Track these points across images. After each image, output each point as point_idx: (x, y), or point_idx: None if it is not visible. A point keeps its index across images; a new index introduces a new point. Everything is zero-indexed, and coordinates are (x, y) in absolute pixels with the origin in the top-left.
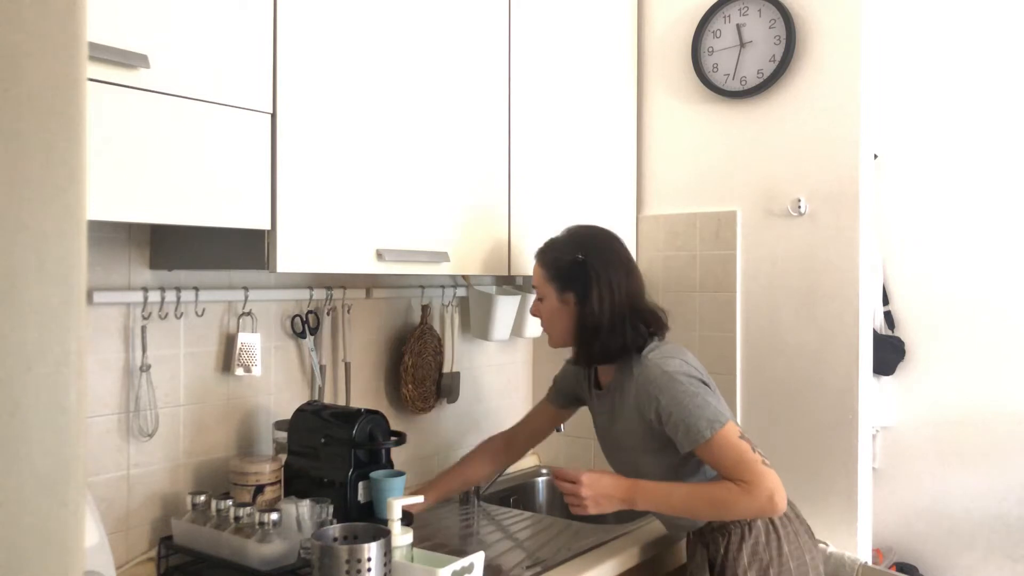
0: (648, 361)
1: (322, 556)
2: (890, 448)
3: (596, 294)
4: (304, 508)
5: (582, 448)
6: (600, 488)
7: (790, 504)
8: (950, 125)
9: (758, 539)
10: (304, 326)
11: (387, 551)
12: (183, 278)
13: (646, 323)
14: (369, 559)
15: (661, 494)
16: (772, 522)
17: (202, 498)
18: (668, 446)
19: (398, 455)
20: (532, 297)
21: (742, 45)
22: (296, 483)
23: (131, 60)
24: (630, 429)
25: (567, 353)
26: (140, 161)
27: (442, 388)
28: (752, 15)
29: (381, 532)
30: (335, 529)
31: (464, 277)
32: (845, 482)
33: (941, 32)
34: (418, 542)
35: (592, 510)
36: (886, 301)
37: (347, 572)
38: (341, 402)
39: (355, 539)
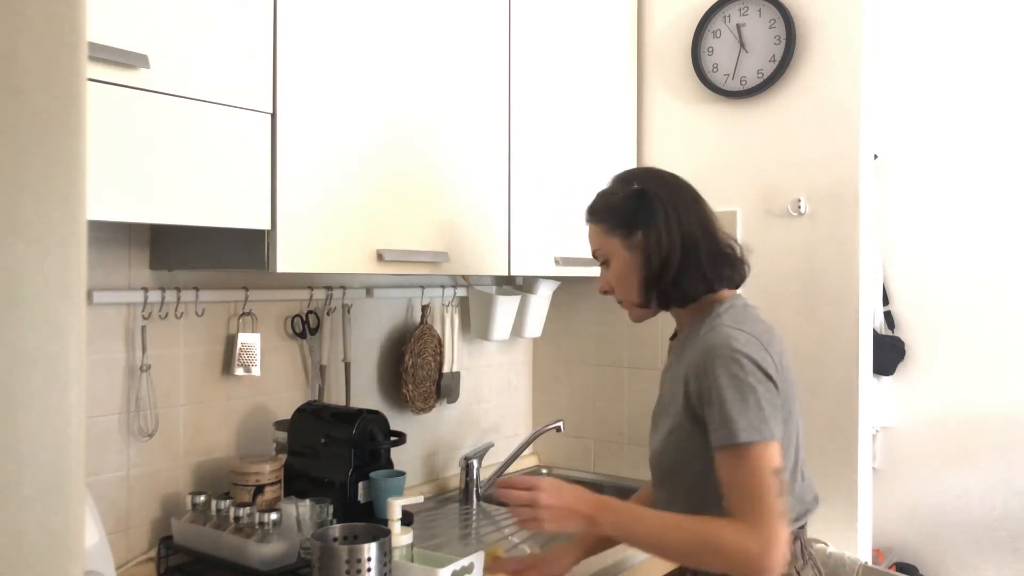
0: (720, 323)
1: (322, 556)
2: (890, 448)
3: (663, 219)
4: (304, 508)
5: (582, 448)
6: (562, 499)
7: None
8: (950, 125)
9: None
10: (304, 326)
11: (387, 551)
12: (183, 278)
13: (723, 259)
14: (369, 559)
15: (631, 518)
16: None
17: (202, 498)
18: (697, 430)
19: (398, 455)
20: (532, 297)
21: (742, 45)
22: (296, 483)
23: (131, 60)
24: (674, 391)
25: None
26: (140, 161)
27: (442, 388)
28: (752, 15)
29: (381, 532)
30: (335, 529)
31: (464, 277)
32: (845, 482)
33: (941, 32)
34: (418, 542)
35: (549, 526)
36: (886, 301)
37: (347, 572)
38: (341, 402)
39: (355, 539)
